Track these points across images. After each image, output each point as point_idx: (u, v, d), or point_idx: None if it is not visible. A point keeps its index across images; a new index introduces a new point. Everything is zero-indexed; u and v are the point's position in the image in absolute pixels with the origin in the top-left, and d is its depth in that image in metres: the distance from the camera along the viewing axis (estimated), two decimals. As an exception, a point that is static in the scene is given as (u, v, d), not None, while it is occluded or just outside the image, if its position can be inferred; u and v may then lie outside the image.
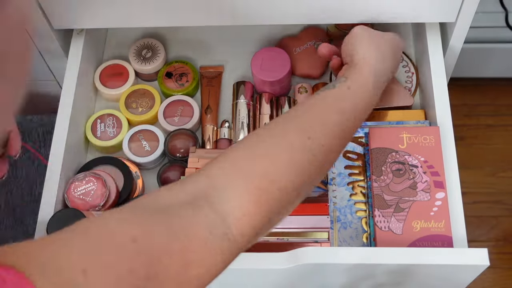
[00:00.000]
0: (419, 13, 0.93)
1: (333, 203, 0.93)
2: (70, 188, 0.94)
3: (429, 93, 0.98)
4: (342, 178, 0.94)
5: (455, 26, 0.96)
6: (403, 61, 1.08)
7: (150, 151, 1.03)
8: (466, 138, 1.69)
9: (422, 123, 0.96)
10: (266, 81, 1.04)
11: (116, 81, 1.08)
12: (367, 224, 0.91)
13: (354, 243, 0.90)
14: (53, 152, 0.95)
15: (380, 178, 0.89)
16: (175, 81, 1.08)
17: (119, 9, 0.93)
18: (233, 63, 1.13)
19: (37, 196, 1.03)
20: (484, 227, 1.60)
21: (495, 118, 1.72)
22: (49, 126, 1.09)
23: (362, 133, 0.96)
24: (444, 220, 0.86)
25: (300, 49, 1.11)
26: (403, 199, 0.88)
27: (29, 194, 1.03)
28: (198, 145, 1.03)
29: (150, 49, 1.10)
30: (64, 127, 0.97)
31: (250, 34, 1.15)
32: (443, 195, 0.87)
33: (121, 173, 0.99)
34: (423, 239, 0.85)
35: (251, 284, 0.91)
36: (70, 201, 0.93)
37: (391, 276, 0.86)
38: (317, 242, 0.86)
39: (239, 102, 1.06)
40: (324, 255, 0.82)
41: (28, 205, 1.03)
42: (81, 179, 0.95)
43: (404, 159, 0.90)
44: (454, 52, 1.03)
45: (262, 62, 1.05)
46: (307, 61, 1.09)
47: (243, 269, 0.84)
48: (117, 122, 1.05)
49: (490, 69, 1.67)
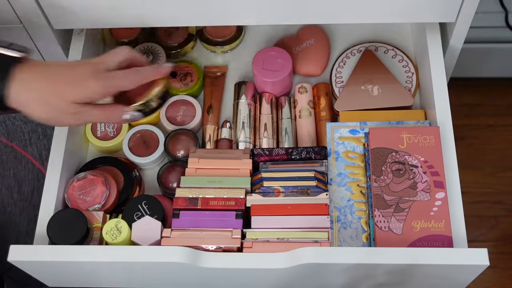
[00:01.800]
0: (419, 13, 0.93)
1: (333, 203, 0.93)
2: (70, 188, 0.94)
3: (429, 93, 0.98)
4: (342, 178, 0.94)
5: (455, 26, 0.96)
6: (403, 61, 1.08)
7: (150, 151, 1.03)
8: (466, 138, 1.69)
9: (422, 123, 0.96)
10: (267, 81, 1.04)
11: None
12: (367, 224, 0.91)
13: (354, 243, 0.90)
14: (53, 152, 0.95)
15: (380, 178, 0.89)
16: (179, 80, 1.09)
17: (119, 9, 0.93)
18: (235, 63, 1.13)
19: (27, 195, 1.03)
20: (484, 227, 1.60)
21: (495, 118, 1.72)
22: (34, 124, 1.08)
23: (362, 133, 0.96)
24: (444, 220, 0.86)
25: (300, 47, 1.11)
26: (403, 199, 0.88)
27: (18, 193, 1.02)
28: (198, 145, 1.03)
29: (150, 53, 1.10)
30: (64, 127, 0.97)
31: (251, 34, 1.15)
32: (443, 195, 0.87)
33: (121, 173, 0.99)
34: (423, 239, 0.85)
35: (251, 284, 0.91)
36: (70, 201, 0.93)
37: (391, 276, 0.86)
38: (317, 242, 0.86)
39: (240, 102, 1.06)
40: (324, 255, 0.82)
41: (18, 204, 1.02)
42: (81, 179, 0.95)
43: (404, 159, 0.90)
44: (454, 52, 1.03)
45: (264, 62, 1.05)
46: (307, 60, 1.10)
47: (243, 269, 0.84)
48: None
49: (490, 69, 1.67)
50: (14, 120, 1.08)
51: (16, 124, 1.07)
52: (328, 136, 0.97)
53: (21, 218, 1.03)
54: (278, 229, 0.88)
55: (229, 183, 0.92)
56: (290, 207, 0.90)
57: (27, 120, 1.09)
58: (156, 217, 0.92)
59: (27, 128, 1.07)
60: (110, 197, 0.95)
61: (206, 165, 0.95)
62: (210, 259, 0.84)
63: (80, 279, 0.94)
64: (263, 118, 1.05)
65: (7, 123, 1.07)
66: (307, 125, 1.04)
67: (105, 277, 0.92)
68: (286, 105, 1.06)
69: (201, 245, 0.86)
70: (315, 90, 1.08)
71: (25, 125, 1.08)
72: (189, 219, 0.89)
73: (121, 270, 0.88)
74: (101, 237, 0.90)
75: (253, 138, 1.04)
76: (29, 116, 0.81)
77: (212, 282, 0.93)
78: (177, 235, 0.88)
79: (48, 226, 0.88)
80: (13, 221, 1.02)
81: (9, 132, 1.06)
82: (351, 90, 1.04)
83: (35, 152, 1.06)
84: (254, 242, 0.87)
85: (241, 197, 0.91)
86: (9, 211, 1.02)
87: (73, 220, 0.89)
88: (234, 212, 0.89)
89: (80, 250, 0.84)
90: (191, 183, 0.92)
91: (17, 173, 1.03)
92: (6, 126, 1.06)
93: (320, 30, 1.13)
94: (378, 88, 1.03)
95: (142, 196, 0.94)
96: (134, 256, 0.83)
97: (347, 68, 1.08)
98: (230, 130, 1.05)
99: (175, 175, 1.00)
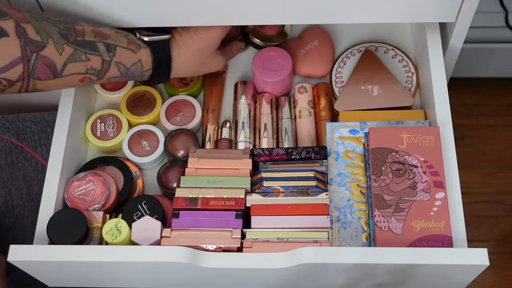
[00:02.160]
0: (419, 13, 0.93)
1: (333, 203, 0.93)
2: (70, 188, 0.94)
3: (429, 93, 0.98)
4: (342, 178, 0.94)
5: (455, 26, 0.96)
6: (403, 61, 1.08)
7: (150, 151, 1.03)
8: (466, 138, 1.69)
9: (422, 123, 0.96)
10: (267, 81, 1.04)
11: (117, 83, 1.08)
12: (367, 224, 0.91)
13: (354, 243, 0.90)
14: (53, 152, 0.95)
15: (380, 178, 0.89)
16: (179, 80, 1.09)
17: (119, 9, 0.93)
18: (235, 63, 1.13)
19: (35, 195, 1.03)
20: (484, 227, 1.60)
21: (495, 118, 1.72)
22: (43, 124, 1.08)
23: (362, 133, 0.96)
24: (444, 220, 0.86)
25: (304, 49, 1.11)
26: (403, 199, 0.88)
27: (27, 194, 1.03)
28: (198, 145, 1.03)
29: None
30: (64, 127, 0.97)
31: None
32: (443, 195, 0.87)
33: (121, 173, 0.99)
34: (423, 239, 0.85)
35: (251, 284, 0.91)
36: (70, 201, 0.93)
37: (391, 276, 0.86)
38: (317, 242, 0.86)
39: (240, 102, 1.06)
40: (324, 255, 0.82)
41: (26, 205, 1.03)
42: (81, 179, 0.95)
43: (404, 159, 0.90)
44: (454, 52, 1.03)
45: (264, 62, 1.05)
46: (314, 61, 1.09)
47: (243, 269, 0.84)
48: (117, 122, 1.05)
49: (490, 69, 1.67)
50: (23, 120, 1.08)
51: (25, 124, 1.07)
52: (328, 136, 0.97)
53: (28, 219, 1.03)
54: (278, 229, 0.89)
55: (229, 183, 0.92)
56: (290, 207, 0.90)
57: (36, 121, 1.09)
58: (156, 217, 0.92)
59: (36, 128, 1.07)
60: (110, 197, 0.95)
61: (206, 165, 0.95)
62: (210, 259, 0.84)
63: (80, 279, 0.94)
64: (263, 118, 1.05)
65: (17, 124, 1.07)
66: (307, 125, 1.04)
67: (105, 277, 0.92)
68: (286, 105, 1.06)
69: (201, 245, 0.86)
70: (315, 90, 1.08)
71: (34, 125, 1.08)
72: (189, 219, 0.89)
73: (121, 270, 0.88)
74: (101, 237, 0.90)
75: (253, 138, 1.04)
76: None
77: (212, 282, 0.93)
78: (177, 235, 0.88)
79: (48, 226, 0.88)
80: (21, 222, 1.02)
81: (19, 133, 1.06)
82: (351, 90, 1.04)
83: (44, 152, 1.06)
84: (254, 242, 0.87)
85: (241, 197, 0.91)
86: (17, 212, 1.02)
87: (73, 220, 0.89)
88: (234, 212, 0.89)
89: (80, 250, 0.84)
90: (191, 183, 0.92)
91: (27, 174, 1.03)
92: (16, 127, 1.06)
93: (323, 31, 1.13)
94: (378, 88, 1.03)
95: (142, 196, 0.94)
96: (134, 256, 0.83)
97: (347, 68, 1.08)
98: (230, 130, 1.05)
99: (175, 175, 1.00)
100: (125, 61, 0.90)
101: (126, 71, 0.91)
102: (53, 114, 1.11)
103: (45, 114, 1.12)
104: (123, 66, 0.90)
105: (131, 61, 0.91)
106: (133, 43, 0.91)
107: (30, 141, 1.06)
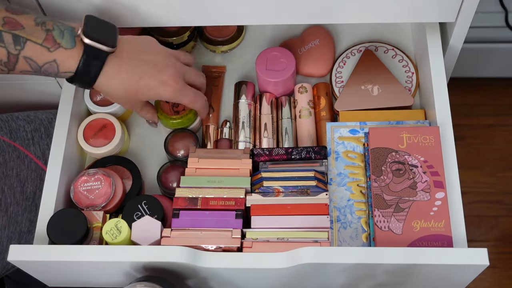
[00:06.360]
0: (419, 13, 0.93)
1: (333, 203, 0.93)
2: (78, 181, 0.94)
3: (429, 93, 0.98)
4: (342, 178, 0.94)
5: (455, 26, 0.96)
6: (403, 61, 1.08)
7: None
8: (466, 138, 1.69)
9: (422, 123, 0.97)
10: (270, 81, 1.04)
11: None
12: (367, 224, 0.91)
13: (354, 243, 0.90)
14: (53, 151, 0.95)
15: (380, 178, 0.89)
16: (171, 107, 1.06)
17: (118, 9, 0.93)
18: (234, 63, 1.13)
19: (29, 194, 1.03)
20: (484, 227, 1.60)
21: (495, 118, 1.72)
22: (37, 123, 1.08)
23: (362, 133, 0.96)
24: (444, 220, 0.86)
25: (305, 48, 1.11)
26: (403, 199, 0.88)
27: (21, 193, 1.02)
28: (198, 145, 1.03)
29: None
30: (64, 127, 0.97)
31: (252, 34, 1.15)
32: (443, 195, 0.87)
33: (130, 174, 0.99)
34: (423, 239, 0.85)
35: (251, 284, 0.91)
36: (74, 193, 0.93)
37: (391, 276, 0.86)
38: (317, 242, 0.86)
39: (240, 102, 1.06)
40: (324, 255, 0.82)
41: (20, 204, 1.02)
42: (91, 175, 0.94)
43: (404, 159, 0.90)
44: (454, 52, 1.03)
45: (267, 62, 1.05)
46: (312, 61, 1.09)
47: (243, 269, 0.84)
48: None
49: (490, 69, 1.67)
50: (17, 119, 1.08)
51: (18, 123, 1.07)
52: (328, 136, 0.97)
53: (23, 217, 1.03)
54: (278, 229, 0.89)
55: (229, 183, 0.92)
56: (290, 207, 0.90)
57: (30, 120, 1.08)
58: (156, 217, 0.92)
59: (30, 127, 1.07)
60: (112, 200, 0.94)
61: (206, 165, 0.95)
62: (210, 259, 0.84)
63: (80, 279, 0.94)
64: (263, 118, 1.04)
65: (10, 122, 1.07)
66: (307, 125, 1.04)
67: (105, 277, 0.92)
68: (286, 105, 1.06)
69: (201, 245, 0.86)
70: (315, 90, 1.08)
71: (28, 124, 1.07)
72: (189, 219, 0.89)
73: (120, 270, 0.88)
74: (101, 237, 0.90)
75: (253, 138, 1.04)
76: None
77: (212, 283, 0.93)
78: (177, 235, 0.88)
79: (48, 225, 0.88)
80: (15, 221, 1.02)
81: (11, 132, 1.06)
82: (351, 90, 1.04)
83: (38, 151, 1.06)
84: (254, 242, 0.87)
85: (241, 197, 0.91)
86: (11, 210, 1.02)
87: (73, 220, 0.89)
88: (234, 212, 0.89)
89: (80, 250, 0.84)
90: (191, 183, 0.92)
91: (20, 173, 1.03)
92: (9, 126, 1.06)
93: (324, 30, 1.12)
94: (378, 88, 1.03)
95: (142, 196, 0.94)
96: (134, 256, 0.83)
97: (347, 68, 1.08)
98: (230, 130, 1.05)
99: (175, 175, 1.00)
100: (36, 57, 0.83)
101: (38, 68, 0.84)
102: (47, 112, 1.11)
103: (38, 113, 1.11)
104: (34, 62, 0.83)
105: (44, 59, 0.83)
106: (52, 40, 0.83)
107: (23, 140, 1.05)
